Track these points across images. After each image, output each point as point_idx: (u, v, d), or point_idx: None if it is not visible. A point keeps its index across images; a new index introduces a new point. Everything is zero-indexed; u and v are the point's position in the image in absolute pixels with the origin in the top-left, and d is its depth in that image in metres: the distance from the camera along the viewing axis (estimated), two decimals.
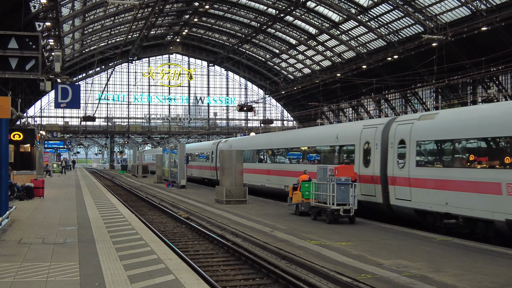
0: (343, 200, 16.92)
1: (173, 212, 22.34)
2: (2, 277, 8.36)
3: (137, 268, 9.13)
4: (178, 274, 8.58)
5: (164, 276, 8.55)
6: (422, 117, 17.19)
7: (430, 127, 16.39)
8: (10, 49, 10.43)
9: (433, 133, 16.23)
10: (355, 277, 9.65)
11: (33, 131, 32.89)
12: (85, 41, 70.74)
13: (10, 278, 8.25)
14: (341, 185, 16.84)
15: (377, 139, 18.76)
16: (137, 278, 8.41)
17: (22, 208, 19.11)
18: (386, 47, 55.60)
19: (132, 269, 9.08)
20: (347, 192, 16.92)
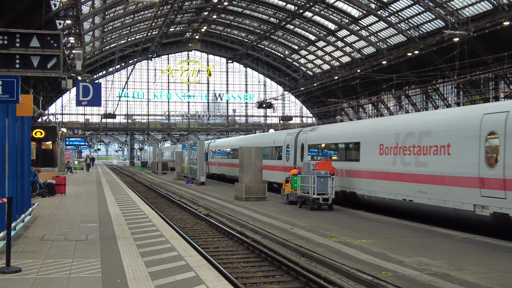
0: (322, 190, 19.89)
1: (193, 209, 22.42)
2: (25, 273, 8.46)
3: (158, 265, 9.18)
4: (199, 271, 8.62)
5: (185, 273, 8.59)
6: (312, 129, 26.66)
7: (314, 135, 25.47)
8: (32, 47, 10.53)
9: (315, 139, 25.27)
10: (376, 275, 9.59)
11: (54, 129, 33.24)
12: (105, 39, 71.23)
13: (33, 275, 8.35)
14: (320, 178, 19.83)
15: (292, 142, 27.65)
16: (158, 274, 8.46)
17: (44, 205, 19.33)
18: (407, 42, 55.09)
19: (153, 265, 9.13)
20: (326, 184, 19.91)
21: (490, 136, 14.30)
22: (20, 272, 8.47)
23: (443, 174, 15.92)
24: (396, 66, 55.44)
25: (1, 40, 10.52)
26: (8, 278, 8.10)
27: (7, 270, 8.39)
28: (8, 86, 9.44)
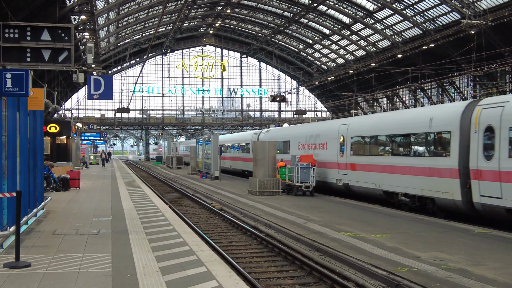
0: (305, 179, 23.44)
1: (206, 203, 22.34)
2: (34, 268, 8.38)
3: (169, 260, 9.07)
4: (210, 266, 8.50)
5: (195, 268, 8.47)
6: (267, 130, 37.24)
7: (267, 135, 34.23)
8: (43, 40, 10.46)
9: (267, 138, 32.70)
10: (391, 270, 9.41)
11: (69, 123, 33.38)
12: (119, 34, 71.39)
13: (42, 270, 8.27)
14: (303, 169, 23.37)
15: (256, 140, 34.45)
16: (169, 270, 8.35)
17: (57, 199, 19.37)
18: (422, 35, 54.49)
19: (164, 260, 9.02)
20: (308, 174, 23.45)
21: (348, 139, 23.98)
22: (29, 267, 8.39)
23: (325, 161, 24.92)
24: (411, 59, 54.92)
25: (12, 34, 10.46)
26: (17, 273, 8.03)
27: (16, 265, 8.31)
28: (18, 79, 9.34)
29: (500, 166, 14.35)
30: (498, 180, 14.39)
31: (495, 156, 14.59)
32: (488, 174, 14.74)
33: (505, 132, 14.32)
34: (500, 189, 14.27)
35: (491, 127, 14.94)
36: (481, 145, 15.18)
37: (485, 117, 15.22)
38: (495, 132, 14.72)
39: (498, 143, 14.55)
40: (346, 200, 21.83)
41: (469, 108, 16.32)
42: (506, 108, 14.56)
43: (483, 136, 15.14)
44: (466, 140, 15.95)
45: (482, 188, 15.00)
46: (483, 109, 15.42)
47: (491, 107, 15.19)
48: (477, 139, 15.35)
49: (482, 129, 15.20)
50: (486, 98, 16.88)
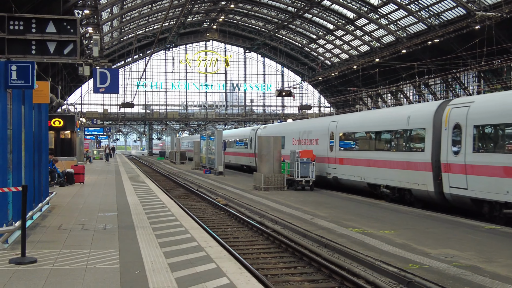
0: (305, 174, 23.84)
1: (211, 198, 22.22)
2: (41, 264, 8.21)
3: (177, 256, 8.89)
4: (220, 263, 8.32)
5: (205, 264, 8.29)
6: (264, 126, 38.30)
7: (264, 131, 35.46)
8: (48, 33, 10.28)
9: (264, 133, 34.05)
10: (402, 267, 9.26)
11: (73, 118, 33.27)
12: (123, 29, 71.24)
13: (49, 266, 8.10)
14: (303, 164, 23.78)
15: (254, 135, 37.35)
16: (178, 266, 8.17)
17: (62, 194, 19.25)
18: (427, 30, 54.23)
19: (172, 256, 8.84)
20: (308, 169, 23.87)
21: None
22: (35, 263, 8.22)
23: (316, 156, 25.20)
24: (415, 54, 54.66)
25: (17, 26, 10.30)
26: (23, 269, 7.86)
27: (22, 260, 8.14)
28: (23, 71, 9.17)
29: (466, 160, 15.69)
30: (464, 173, 15.73)
31: (462, 151, 15.93)
32: (456, 167, 16.11)
33: (470, 130, 15.66)
34: (466, 181, 15.63)
35: (459, 124, 16.22)
36: (450, 141, 16.54)
37: (453, 116, 16.57)
38: (462, 130, 16.02)
39: (464, 139, 15.87)
40: (351, 196, 21.70)
41: (441, 107, 17.65)
42: (471, 108, 15.88)
43: (452, 133, 16.49)
44: (438, 136, 17.27)
45: (451, 180, 16.33)
46: (452, 109, 16.79)
47: (459, 106, 16.53)
48: (447, 136, 16.73)
49: (451, 126, 16.57)
50: (456, 99, 18.41)
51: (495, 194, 14.57)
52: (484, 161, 15.07)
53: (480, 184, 15.10)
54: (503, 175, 14.27)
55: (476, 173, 15.28)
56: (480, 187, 15.10)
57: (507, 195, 14.02)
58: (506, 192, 14.05)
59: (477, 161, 15.30)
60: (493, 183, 14.63)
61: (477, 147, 15.59)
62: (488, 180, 14.80)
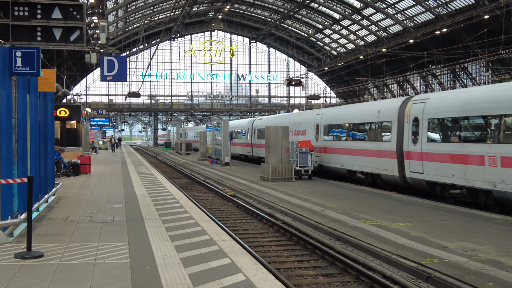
0: (303, 163, 24.46)
1: (218, 189, 21.95)
2: (48, 259, 7.89)
3: (189, 250, 8.56)
4: (234, 258, 7.99)
5: (219, 259, 7.96)
6: (260, 118, 41.19)
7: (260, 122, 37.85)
8: (54, 19, 9.93)
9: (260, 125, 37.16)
10: (420, 262, 8.93)
11: (78, 108, 32.99)
12: (128, 19, 70.78)
13: (56, 260, 7.77)
14: (302, 153, 24.40)
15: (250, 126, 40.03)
16: (191, 261, 7.84)
17: (68, 184, 19.00)
18: (435, 20, 53.61)
19: (184, 250, 8.51)
20: (306, 158, 24.48)
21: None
22: (42, 257, 7.88)
23: None
24: (423, 44, 54.08)
25: (22, 12, 9.95)
26: (29, 264, 7.53)
27: (28, 255, 7.80)
28: (28, 57, 8.81)
29: (422, 149, 18.15)
30: (420, 160, 18.19)
31: (419, 141, 18.33)
32: (415, 155, 18.57)
33: (425, 122, 18.06)
34: (422, 166, 18.11)
35: (417, 118, 18.55)
36: (410, 132, 18.89)
37: (413, 110, 18.92)
38: (419, 122, 18.39)
39: (421, 131, 18.25)
40: (361, 187, 21.47)
41: (405, 103, 19.99)
42: (427, 104, 18.28)
43: (412, 125, 18.82)
44: (401, 128, 19.59)
45: (411, 166, 18.80)
46: (412, 104, 19.10)
47: (418, 102, 18.90)
48: (408, 128, 19.06)
49: (411, 120, 18.91)
50: (417, 96, 20.56)
51: (444, 177, 16.98)
52: (435, 149, 17.54)
53: (433, 169, 17.54)
54: (449, 161, 16.72)
55: (429, 159, 17.74)
56: (433, 171, 17.55)
57: (452, 178, 16.53)
58: (452, 175, 16.52)
59: (430, 149, 17.77)
60: (442, 168, 17.03)
61: (430, 137, 17.98)
62: (438, 165, 17.23)
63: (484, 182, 15.23)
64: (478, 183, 15.50)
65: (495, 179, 14.81)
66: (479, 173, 15.41)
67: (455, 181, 16.44)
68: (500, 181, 14.61)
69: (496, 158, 14.75)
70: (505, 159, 14.45)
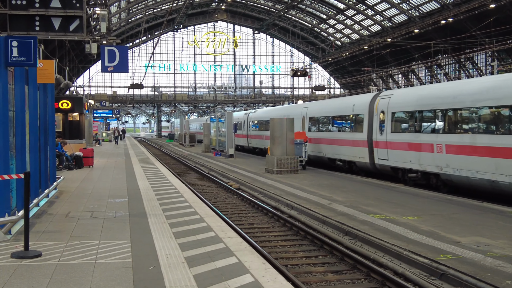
0: (298, 154, 24.67)
1: (223, 182, 21.66)
2: (45, 258, 7.52)
3: (194, 248, 8.19)
4: (241, 256, 7.62)
5: (225, 258, 7.58)
6: (255, 111, 43.21)
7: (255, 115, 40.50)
8: (53, 8, 9.58)
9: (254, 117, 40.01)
10: (434, 258, 8.60)
11: (81, 100, 32.67)
12: (131, 10, 70.29)
13: (54, 260, 7.40)
14: (297, 144, 24.70)
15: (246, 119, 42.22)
16: (196, 260, 7.47)
17: (70, 178, 18.70)
18: (440, 9, 53.02)
19: (189, 249, 8.14)
20: (301, 149, 25.06)
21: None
22: (39, 257, 7.51)
23: None
24: (428, 34, 53.48)
25: (20, 0, 9.61)
26: (26, 265, 7.18)
27: (25, 254, 7.43)
28: (25, 47, 8.41)
29: (387, 138, 20.54)
30: (386, 148, 20.59)
31: (385, 132, 20.71)
32: (381, 144, 20.94)
33: (390, 115, 20.46)
34: (387, 154, 20.52)
35: (383, 111, 20.91)
36: (378, 124, 21.23)
37: (380, 104, 21.29)
38: (385, 115, 20.76)
39: (386, 123, 20.63)
40: (367, 179, 21.20)
41: (374, 98, 22.30)
42: (391, 99, 20.77)
43: (379, 118, 21.20)
44: (371, 120, 21.91)
45: (378, 153, 21.25)
46: (380, 99, 21.54)
47: (385, 97, 21.29)
48: (377, 120, 21.38)
49: (379, 113, 21.28)
50: (384, 92, 23.40)
51: (403, 163, 19.49)
52: (397, 139, 19.99)
53: (395, 156, 20.02)
54: (407, 148, 19.23)
55: (392, 147, 20.17)
56: (395, 158, 20.03)
57: (410, 163, 19.03)
58: (410, 161, 19.05)
59: (393, 139, 20.19)
60: (402, 155, 19.58)
61: (393, 128, 20.31)
62: (400, 153, 19.74)
63: (434, 167, 17.79)
64: (429, 167, 18.06)
65: (441, 163, 17.37)
66: (429, 159, 17.99)
67: (412, 166, 18.97)
68: (445, 165, 17.20)
69: (442, 146, 17.37)
70: (449, 146, 17.04)
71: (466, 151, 16.26)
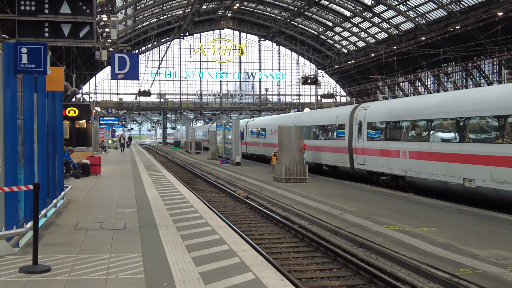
0: None
1: (231, 190, 21.41)
2: (55, 273, 7.25)
3: (208, 263, 7.90)
4: (258, 272, 7.33)
5: (242, 274, 7.29)
6: (253, 120, 45.95)
7: (253, 123, 43.14)
8: (62, 14, 9.38)
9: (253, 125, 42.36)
10: (453, 272, 8.31)
11: (88, 107, 32.49)
12: (137, 17, 70.32)
13: (64, 275, 7.14)
14: None
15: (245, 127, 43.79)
16: (211, 276, 7.18)
17: (78, 186, 18.49)
18: (447, 17, 52.78)
19: (203, 263, 7.86)
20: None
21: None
22: (49, 271, 7.26)
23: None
24: (435, 42, 53.20)
25: (29, 6, 9.41)
26: (35, 280, 6.93)
27: (34, 269, 7.17)
28: (35, 54, 8.18)
29: (364, 146, 22.97)
30: (363, 154, 23.02)
31: (362, 140, 23.15)
32: (359, 150, 23.36)
33: (366, 125, 22.94)
34: (364, 159, 22.94)
35: (361, 122, 23.34)
36: (357, 133, 23.64)
37: (359, 115, 23.71)
38: (362, 125, 23.20)
39: (363, 132, 23.07)
40: (377, 188, 20.92)
41: (354, 109, 24.62)
42: (367, 111, 23.21)
43: (358, 127, 23.60)
44: (351, 129, 24.26)
45: (357, 159, 23.63)
46: (359, 111, 23.95)
47: (362, 109, 23.74)
48: (356, 129, 23.75)
49: (357, 123, 23.70)
50: (363, 104, 25.79)
51: (377, 167, 21.97)
52: (371, 146, 22.45)
53: (370, 161, 22.49)
54: (379, 154, 21.70)
55: (368, 154, 22.58)
56: (370, 163, 22.49)
57: (381, 167, 21.54)
58: (381, 166, 21.53)
59: (368, 146, 22.64)
60: (375, 160, 22.06)
61: (369, 137, 22.77)
62: (374, 158, 22.16)
63: (400, 170, 20.24)
64: (396, 171, 20.53)
65: (406, 167, 19.85)
66: (396, 164, 20.50)
67: (383, 170, 21.46)
68: (409, 169, 19.65)
69: (406, 152, 19.85)
70: (411, 153, 19.53)
71: (424, 156, 18.86)
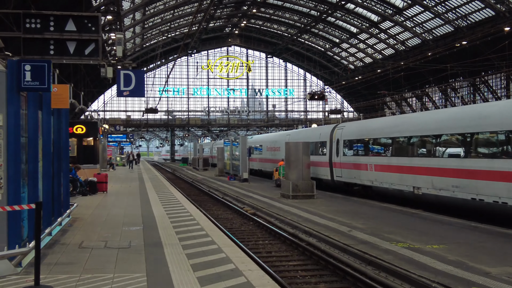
0: None
1: (238, 207, 21.28)
2: None
3: (213, 283, 7.74)
4: None
5: None
6: (251, 137, 50.75)
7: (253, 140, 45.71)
8: (68, 31, 9.35)
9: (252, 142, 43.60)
10: None
11: (95, 124, 32.58)
12: (145, 35, 70.77)
13: None
14: None
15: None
16: None
17: (84, 204, 18.40)
18: (454, 32, 52.73)
19: (208, 283, 7.70)
20: None
21: None
22: None
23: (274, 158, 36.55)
24: (442, 58, 53.12)
25: (34, 24, 9.39)
26: None
27: None
28: (38, 71, 8.12)
29: (341, 160, 25.55)
30: (340, 168, 25.66)
31: (339, 155, 25.80)
32: (337, 164, 25.97)
33: (342, 142, 25.66)
34: (341, 172, 25.51)
35: (338, 139, 26.04)
36: (335, 149, 26.26)
37: (337, 133, 26.39)
38: (339, 142, 25.89)
39: (340, 148, 25.73)
40: (386, 204, 20.64)
41: (334, 128, 27.28)
42: (343, 130, 25.94)
43: (336, 144, 26.23)
44: (331, 146, 26.83)
45: (336, 172, 26.25)
46: (337, 129, 26.63)
47: (340, 128, 26.51)
48: (335, 146, 26.35)
49: (335, 140, 26.38)
50: (341, 123, 28.93)
51: (351, 179, 24.65)
52: (347, 160, 25.04)
53: (346, 174, 25.11)
54: (353, 168, 24.32)
55: (344, 167, 25.24)
56: (346, 175, 25.13)
57: (354, 179, 24.22)
58: (354, 178, 24.21)
59: (344, 160, 25.23)
60: (350, 173, 24.69)
61: (344, 152, 25.38)
62: (348, 171, 24.83)
63: (368, 181, 22.98)
64: (366, 181, 23.19)
65: (372, 178, 22.62)
66: (365, 175, 23.22)
67: (356, 181, 24.15)
68: (374, 180, 22.43)
69: (372, 165, 22.63)
70: (376, 166, 22.29)
71: (385, 169, 21.65)
